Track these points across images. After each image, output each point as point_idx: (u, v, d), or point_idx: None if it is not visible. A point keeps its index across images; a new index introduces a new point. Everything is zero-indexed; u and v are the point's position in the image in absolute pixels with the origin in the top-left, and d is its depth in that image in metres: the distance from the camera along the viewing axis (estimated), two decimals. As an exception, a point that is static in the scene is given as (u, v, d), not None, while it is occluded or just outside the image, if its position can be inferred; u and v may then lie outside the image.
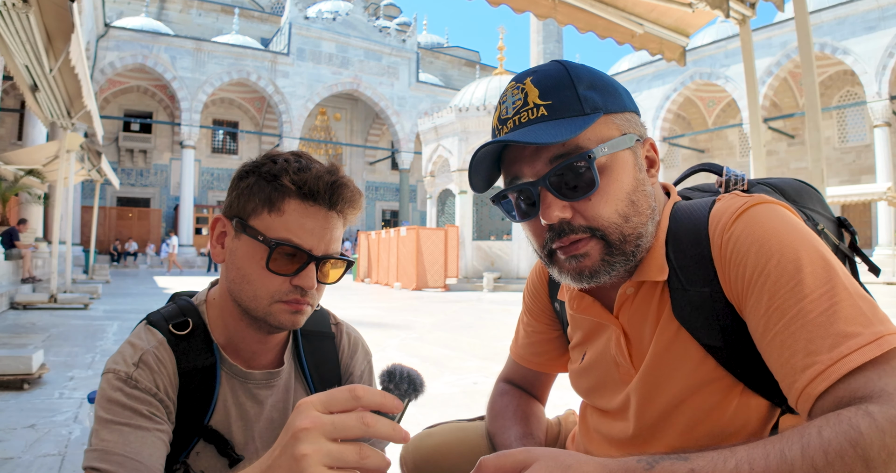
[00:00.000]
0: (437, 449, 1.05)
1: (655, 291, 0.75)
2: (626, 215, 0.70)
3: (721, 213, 0.71)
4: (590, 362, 0.86)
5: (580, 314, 0.84)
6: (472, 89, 15.97)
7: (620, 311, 0.79)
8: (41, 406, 3.06)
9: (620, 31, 2.96)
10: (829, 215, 0.86)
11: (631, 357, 0.78)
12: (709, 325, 0.70)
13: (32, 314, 7.22)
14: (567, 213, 0.70)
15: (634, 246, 0.72)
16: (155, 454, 0.74)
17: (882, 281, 14.49)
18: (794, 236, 0.64)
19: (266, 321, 0.84)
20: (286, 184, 0.80)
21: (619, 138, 0.71)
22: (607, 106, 0.72)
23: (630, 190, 0.71)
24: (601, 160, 0.69)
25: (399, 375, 0.55)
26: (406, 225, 19.08)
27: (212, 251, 0.87)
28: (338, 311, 1.11)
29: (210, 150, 29.30)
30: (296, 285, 0.82)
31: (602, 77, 0.74)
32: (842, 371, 0.55)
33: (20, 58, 5.30)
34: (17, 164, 11.11)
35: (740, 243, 0.66)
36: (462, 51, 41.19)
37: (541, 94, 0.71)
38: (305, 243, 0.81)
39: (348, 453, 0.48)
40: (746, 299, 0.65)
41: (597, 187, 0.68)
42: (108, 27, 22.15)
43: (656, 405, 0.74)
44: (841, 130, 22.50)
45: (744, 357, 0.68)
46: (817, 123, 2.50)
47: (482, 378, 3.99)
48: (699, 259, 0.71)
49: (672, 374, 0.73)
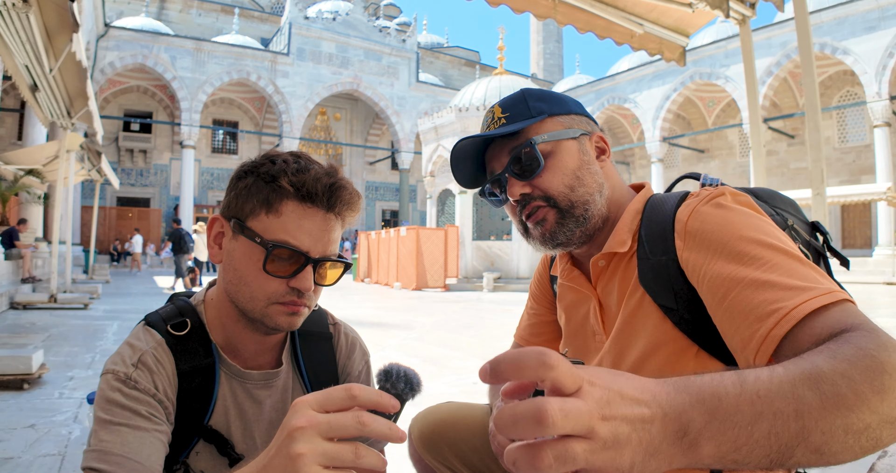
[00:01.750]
0: (445, 422, 1.12)
1: (623, 261, 0.88)
2: (571, 186, 0.88)
3: (692, 200, 0.83)
4: (571, 333, 0.98)
5: (567, 282, 0.98)
6: (472, 89, 15.98)
7: (597, 282, 0.92)
8: (41, 406, 3.06)
9: (620, 31, 2.96)
10: (803, 217, 0.96)
11: (604, 326, 0.91)
12: (664, 288, 0.81)
13: (32, 313, 7.22)
14: (526, 189, 0.88)
15: (583, 210, 0.88)
16: (154, 454, 0.74)
17: (882, 281, 14.49)
18: (756, 218, 0.75)
19: (263, 322, 0.83)
20: (284, 185, 0.80)
21: (562, 131, 0.90)
22: (552, 110, 0.91)
23: (575, 168, 0.89)
24: (546, 146, 0.88)
25: (396, 374, 0.55)
26: (406, 225, 19.07)
27: (209, 251, 0.87)
28: (337, 311, 1.11)
29: (210, 150, 29.30)
30: (293, 286, 0.81)
31: (552, 94, 0.94)
32: (803, 313, 0.60)
33: (20, 58, 5.30)
34: (17, 164, 11.11)
35: (705, 222, 0.77)
36: (462, 51, 41.20)
37: (502, 110, 0.92)
38: (303, 245, 0.81)
39: (344, 452, 0.47)
40: (708, 268, 0.73)
41: (542, 165, 0.87)
42: (108, 27, 22.14)
43: (623, 365, 0.83)
44: (841, 130, 22.50)
45: (695, 320, 0.78)
46: (817, 123, 2.50)
47: (482, 378, 3.99)
48: (661, 234, 0.83)
49: (637, 335, 0.83)
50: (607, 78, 26.83)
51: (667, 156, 25.98)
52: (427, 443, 1.10)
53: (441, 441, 1.08)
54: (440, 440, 1.08)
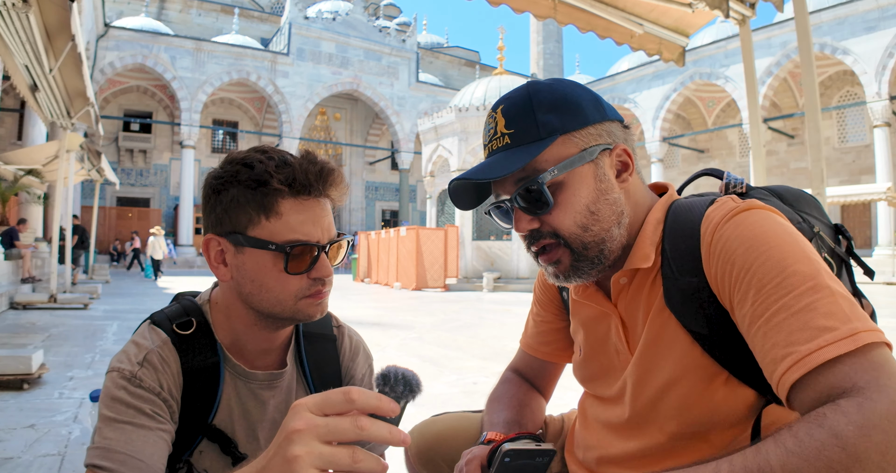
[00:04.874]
0: (440, 436, 1.08)
1: (648, 279, 0.80)
2: (584, 225, 0.78)
3: (714, 213, 0.76)
4: (591, 350, 0.91)
5: (583, 299, 0.89)
6: (472, 89, 15.97)
7: (618, 299, 0.84)
8: (41, 406, 3.06)
9: (620, 31, 2.97)
10: (827, 220, 0.89)
11: (628, 344, 0.84)
12: (695, 313, 0.74)
13: (32, 313, 7.22)
14: (534, 224, 0.79)
15: (598, 252, 0.79)
16: (157, 453, 0.75)
17: (882, 281, 14.49)
18: (782, 238, 0.68)
19: (294, 318, 0.84)
20: (276, 186, 0.78)
21: (577, 156, 0.78)
22: (565, 126, 0.78)
23: (590, 201, 0.78)
24: (556, 179, 0.77)
25: (394, 377, 0.54)
26: (406, 225, 19.07)
27: (215, 273, 0.85)
28: (338, 311, 1.11)
29: (210, 150, 29.27)
30: (315, 278, 0.82)
31: (565, 96, 0.80)
32: (816, 362, 0.58)
33: (20, 58, 5.30)
34: (17, 164, 11.10)
35: (729, 243, 0.71)
36: (462, 51, 41.18)
37: (506, 123, 0.80)
38: (313, 237, 0.81)
39: (341, 456, 0.48)
40: (734, 294, 0.69)
41: (551, 205, 0.77)
42: (107, 27, 22.13)
43: (648, 389, 0.78)
44: (841, 130, 22.50)
45: (728, 347, 0.72)
46: (817, 123, 2.51)
47: (482, 378, 3.99)
48: (689, 252, 0.76)
49: (663, 359, 0.77)
50: (607, 78, 26.84)
51: (667, 156, 25.98)
52: (423, 459, 1.08)
53: (437, 457, 1.06)
54: (436, 455, 1.06)
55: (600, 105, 0.82)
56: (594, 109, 0.80)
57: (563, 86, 0.81)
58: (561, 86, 0.81)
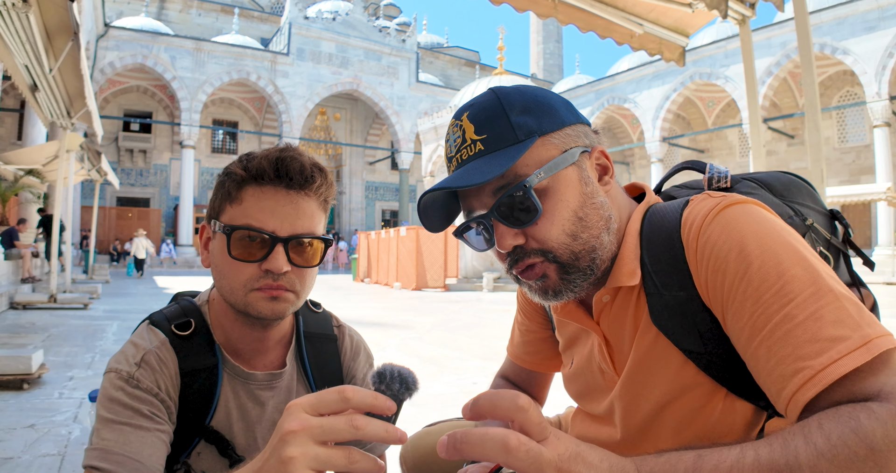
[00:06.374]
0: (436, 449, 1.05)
1: (632, 296, 0.75)
2: (573, 233, 0.71)
3: (693, 216, 0.70)
4: (577, 367, 0.86)
5: (564, 318, 0.84)
6: (472, 89, 15.99)
7: (600, 317, 0.79)
8: (41, 406, 3.06)
9: (620, 31, 2.97)
10: (821, 208, 0.84)
11: (613, 363, 0.78)
12: (686, 330, 0.69)
13: (32, 313, 7.22)
14: (520, 239, 0.71)
15: (589, 261, 0.72)
16: (155, 454, 0.75)
17: (882, 281, 14.48)
18: (774, 239, 0.63)
19: (247, 312, 0.83)
20: (237, 171, 0.82)
21: (559, 158, 0.71)
22: (542, 127, 0.72)
23: (577, 207, 0.72)
24: (541, 184, 0.70)
25: (390, 375, 0.54)
26: (406, 225, 19.08)
27: (202, 259, 0.89)
28: (337, 311, 1.11)
29: (210, 150, 29.28)
30: (265, 269, 0.81)
31: (536, 97, 0.74)
32: (832, 378, 0.54)
33: (20, 58, 5.30)
34: (17, 164, 11.11)
35: (717, 249, 0.65)
36: (462, 51, 41.21)
37: (476, 128, 0.72)
38: (266, 226, 0.80)
39: (336, 457, 0.47)
40: (728, 306, 0.64)
41: (540, 212, 0.70)
42: (107, 27, 22.14)
43: (640, 411, 0.74)
44: (841, 130, 22.50)
45: (724, 362, 0.67)
46: (817, 123, 2.50)
47: (482, 378, 3.99)
48: (673, 263, 0.70)
49: (653, 380, 0.72)
50: (607, 78, 26.82)
51: (667, 156, 25.97)
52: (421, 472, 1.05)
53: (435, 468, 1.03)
54: (434, 467, 1.03)
55: (571, 107, 0.78)
56: (567, 110, 0.76)
57: (531, 88, 0.76)
58: (529, 89, 0.76)
